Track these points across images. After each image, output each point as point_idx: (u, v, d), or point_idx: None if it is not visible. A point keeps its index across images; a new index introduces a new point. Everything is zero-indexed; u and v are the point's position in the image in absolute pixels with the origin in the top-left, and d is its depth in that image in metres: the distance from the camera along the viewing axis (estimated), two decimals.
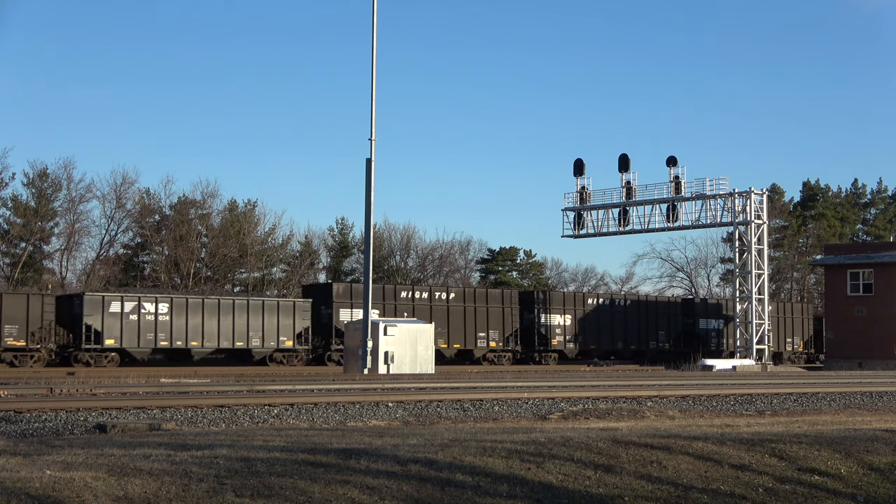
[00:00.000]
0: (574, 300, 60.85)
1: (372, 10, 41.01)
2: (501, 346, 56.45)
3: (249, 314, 49.49)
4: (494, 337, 56.32)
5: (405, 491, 10.40)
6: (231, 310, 49.14)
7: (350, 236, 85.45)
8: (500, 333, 56.51)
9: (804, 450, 13.42)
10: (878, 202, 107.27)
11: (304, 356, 51.01)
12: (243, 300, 50.72)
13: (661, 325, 64.12)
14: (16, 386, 25.42)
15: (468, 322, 55.66)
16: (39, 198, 70.04)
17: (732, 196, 58.51)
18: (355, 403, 20.76)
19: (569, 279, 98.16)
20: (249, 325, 49.37)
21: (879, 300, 62.63)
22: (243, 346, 49.29)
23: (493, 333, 56.35)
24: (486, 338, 56.24)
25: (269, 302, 51.17)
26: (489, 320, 56.25)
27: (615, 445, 12.59)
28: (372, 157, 40.34)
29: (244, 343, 49.25)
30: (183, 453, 11.10)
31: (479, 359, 55.94)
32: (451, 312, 55.02)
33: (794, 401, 25.02)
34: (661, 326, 64.15)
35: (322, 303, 52.48)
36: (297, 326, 50.79)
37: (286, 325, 50.39)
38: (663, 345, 63.89)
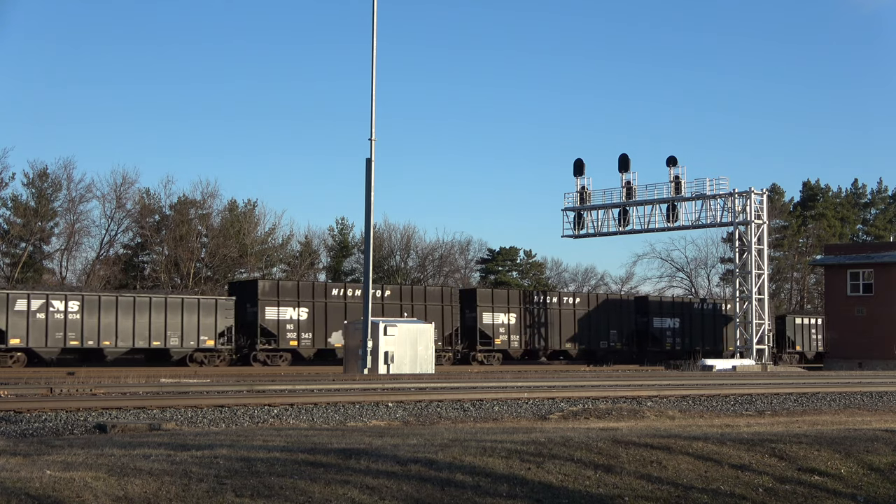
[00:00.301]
0: (519, 298, 58.86)
1: (372, 10, 41.04)
2: (441, 346, 53.64)
3: (167, 312, 47.43)
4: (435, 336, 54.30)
5: (405, 491, 10.40)
6: (147, 308, 47.12)
7: (350, 236, 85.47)
8: (440, 333, 53.60)
9: (804, 450, 13.42)
10: (878, 202, 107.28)
11: (227, 356, 49.10)
12: (161, 298, 48.51)
13: (612, 323, 61.77)
14: (16, 386, 25.43)
15: None
16: (39, 198, 70.03)
17: (732, 196, 58.51)
18: (355, 403, 20.76)
19: (569, 279, 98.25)
20: (167, 323, 47.32)
21: (879, 300, 62.63)
22: (160, 345, 47.29)
23: None
24: None
25: (188, 300, 49.09)
26: (427, 319, 52.49)
27: (615, 445, 12.59)
28: (372, 157, 40.35)
29: (161, 342, 47.24)
30: (183, 453, 11.10)
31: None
32: (386, 311, 52.40)
33: (794, 401, 25.02)
34: (613, 325, 61.85)
35: (248, 300, 50.42)
36: (220, 325, 48.71)
37: (207, 323, 48.38)
38: (615, 344, 61.72)
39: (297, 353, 50.62)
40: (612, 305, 62.81)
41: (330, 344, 51.17)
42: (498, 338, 56.99)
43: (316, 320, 51.11)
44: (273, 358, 49.85)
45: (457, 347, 55.66)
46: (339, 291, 52.80)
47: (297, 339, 50.70)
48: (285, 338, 50.21)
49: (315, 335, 51.06)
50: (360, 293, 51.51)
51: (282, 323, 50.30)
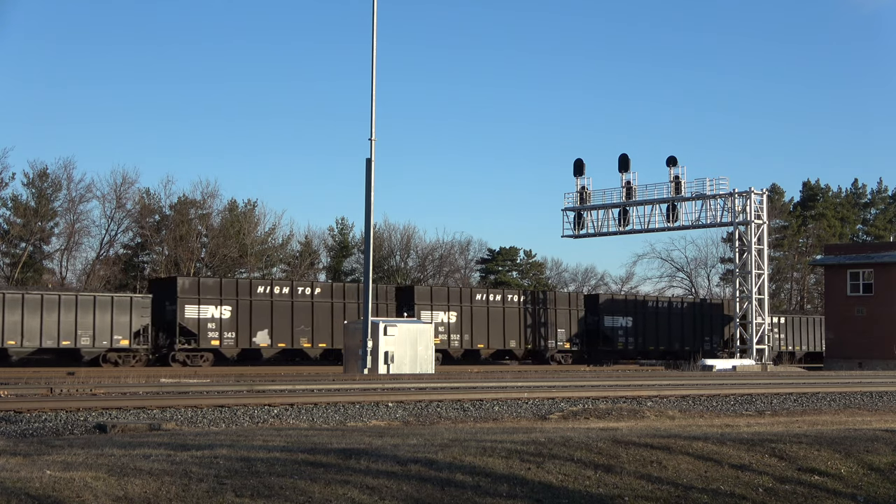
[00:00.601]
0: (460, 295, 56.59)
1: (372, 10, 41.05)
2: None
3: (78, 311, 45.56)
4: None
5: (405, 491, 10.40)
6: (57, 306, 45.19)
7: (350, 236, 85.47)
8: None
9: (804, 450, 13.42)
10: (878, 202, 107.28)
11: (143, 356, 47.46)
12: (71, 295, 46.70)
13: (560, 322, 59.46)
14: (16, 386, 25.44)
15: (336, 320, 51.38)
16: (39, 198, 70.04)
17: (732, 196, 58.52)
18: (355, 403, 20.77)
19: (569, 279, 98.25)
20: (78, 322, 45.45)
21: (879, 300, 62.62)
22: (70, 345, 45.47)
23: None
24: None
25: (101, 297, 47.08)
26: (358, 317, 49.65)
27: (615, 445, 12.59)
28: (372, 157, 40.36)
29: (71, 342, 45.38)
30: (183, 453, 11.10)
31: None
32: (316, 309, 51.04)
33: (794, 401, 25.03)
34: (562, 324, 59.49)
35: (167, 298, 48.45)
36: (135, 324, 46.96)
37: (122, 322, 46.56)
38: (563, 343, 59.53)
39: (219, 353, 48.71)
40: (560, 303, 60.37)
41: (255, 343, 49.32)
42: (437, 337, 53.17)
43: (240, 319, 49.07)
44: (193, 358, 47.79)
45: None
46: (265, 289, 50.62)
47: (219, 338, 48.58)
48: (206, 337, 48.13)
49: (239, 334, 48.95)
50: (288, 291, 50.60)
51: (203, 322, 48.17)
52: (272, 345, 49.92)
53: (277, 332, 50.05)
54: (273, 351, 50.29)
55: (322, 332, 51.37)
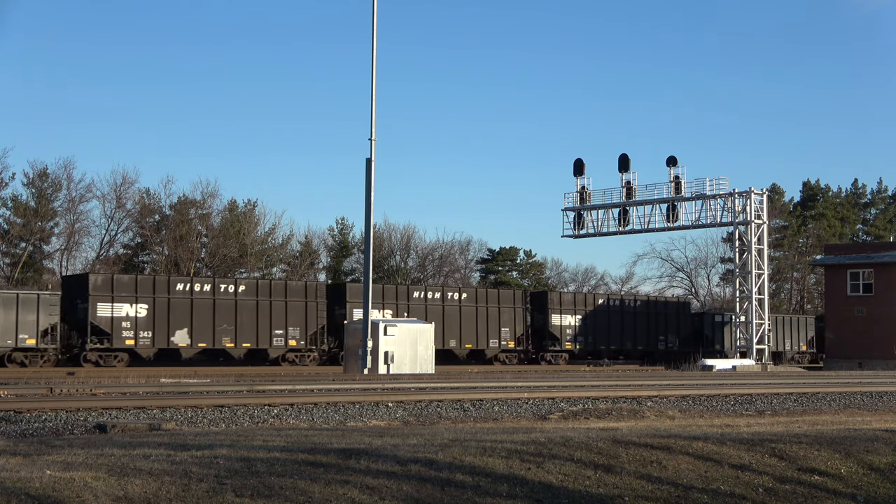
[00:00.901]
0: (396, 293, 54.86)
1: (372, 10, 41.05)
2: (305, 345, 50.75)
3: None
4: (296, 335, 50.52)
5: (405, 491, 10.40)
6: None
7: (350, 236, 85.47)
8: (303, 331, 50.64)
9: (804, 450, 13.42)
10: (878, 202, 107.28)
11: (52, 356, 45.21)
12: None
13: (505, 321, 57.26)
14: (16, 386, 25.44)
15: (262, 318, 49.55)
16: (39, 198, 70.03)
17: (732, 196, 58.55)
18: (355, 403, 20.77)
19: (569, 279, 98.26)
20: None
21: (879, 300, 62.64)
22: None
23: (293, 331, 50.29)
24: (285, 336, 50.29)
25: (6, 294, 44.97)
26: (289, 317, 50.32)
27: (615, 445, 12.59)
28: (372, 157, 40.37)
29: None
30: (183, 453, 11.10)
31: (277, 359, 50.19)
32: (240, 308, 49.07)
33: (794, 401, 25.03)
34: (506, 323, 57.30)
35: (78, 296, 46.28)
36: (43, 322, 44.66)
37: (28, 320, 44.27)
38: (507, 343, 57.22)
39: (134, 352, 46.69)
40: (505, 301, 58.02)
41: (173, 343, 47.34)
42: None
43: (157, 318, 46.89)
44: (107, 358, 45.77)
45: (322, 347, 51.84)
46: (185, 286, 48.40)
47: (134, 337, 46.48)
48: (121, 336, 46.00)
49: (156, 334, 46.83)
50: (210, 288, 48.48)
51: (117, 320, 45.99)
52: (192, 344, 47.74)
53: (198, 331, 47.79)
54: (193, 351, 48.29)
55: (246, 331, 49.22)
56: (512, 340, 57.59)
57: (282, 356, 50.06)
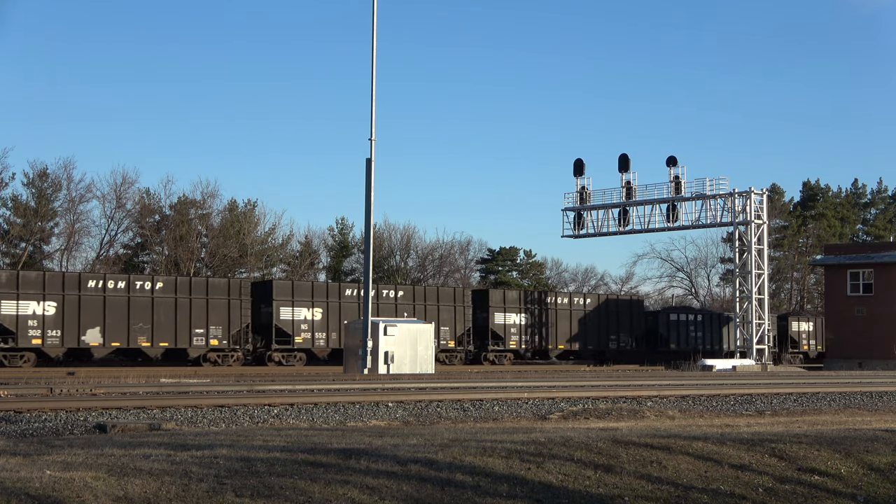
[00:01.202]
0: (327, 291, 52.19)
1: (372, 9, 41.05)
2: (227, 345, 48.47)
3: None
4: (217, 334, 48.22)
5: (405, 491, 10.40)
6: None
7: (350, 236, 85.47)
8: (226, 330, 48.35)
9: (804, 450, 13.42)
10: (878, 202, 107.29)
11: None
12: None
13: (444, 319, 54.65)
14: (16, 386, 25.44)
15: (181, 317, 47.33)
16: (39, 198, 70.01)
17: (732, 196, 58.56)
18: (355, 403, 20.77)
19: (569, 279, 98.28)
20: None
21: (879, 300, 62.65)
22: None
23: (215, 330, 48.01)
24: (206, 335, 47.84)
25: None
26: (210, 315, 48.05)
27: (615, 445, 12.59)
28: (372, 157, 40.38)
29: None
30: (183, 453, 11.10)
31: (198, 359, 47.91)
32: (157, 305, 46.80)
33: (794, 401, 25.03)
34: (446, 321, 54.74)
35: None
36: None
37: None
38: (445, 343, 54.65)
39: (42, 352, 44.79)
40: (444, 299, 55.45)
41: (84, 342, 45.28)
42: (300, 335, 50.43)
43: (67, 316, 44.86)
44: (11, 358, 43.82)
45: (246, 346, 49.87)
46: (97, 283, 46.00)
47: (41, 336, 44.49)
48: (27, 336, 44.02)
49: (65, 333, 44.84)
50: (124, 285, 46.44)
51: (22, 319, 44.04)
52: (104, 344, 45.72)
53: (111, 329, 45.68)
54: (106, 350, 46.42)
55: (164, 330, 47.01)
56: (453, 340, 55.27)
57: (203, 356, 48.00)
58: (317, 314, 51.01)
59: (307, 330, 50.73)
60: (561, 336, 59.24)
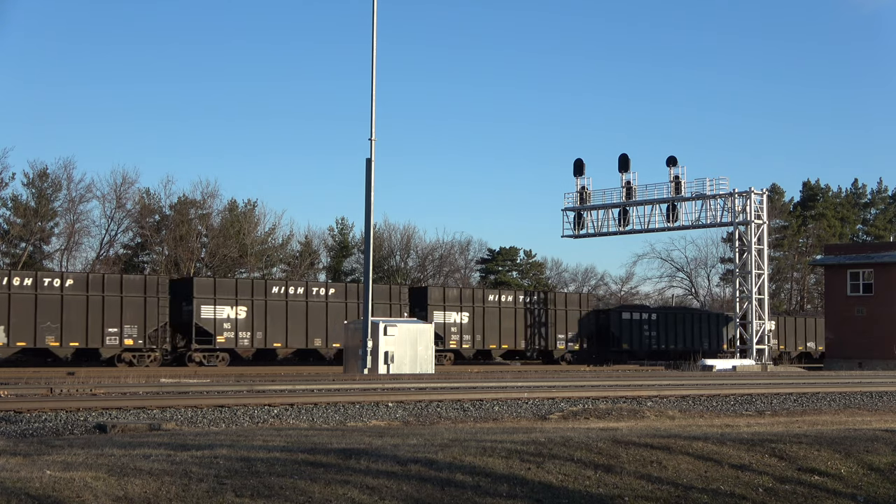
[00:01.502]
0: (252, 288, 49.75)
1: (372, 9, 41.05)
2: (144, 344, 46.41)
3: None
4: (133, 333, 46.14)
5: (405, 491, 10.40)
6: None
7: (350, 236, 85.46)
8: (142, 329, 46.28)
9: (804, 450, 13.42)
10: (878, 202, 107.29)
11: None
12: None
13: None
14: (16, 386, 25.44)
15: (93, 315, 45.49)
16: (39, 198, 70.00)
17: (732, 196, 58.56)
18: (355, 403, 20.76)
19: (569, 279, 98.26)
20: None
21: (879, 300, 62.64)
22: None
23: (130, 329, 46.08)
24: (120, 334, 45.84)
25: None
26: (125, 313, 46.00)
27: (615, 445, 12.59)
28: (372, 157, 40.37)
29: None
30: (183, 453, 11.10)
31: (112, 359, 46.05)
32: (66, 303, 44.94)
33: (794, 401, 25.02)
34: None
35: None
36: None
37: None
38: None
39: None
40: (380, 297, 52.32)
41: None
42: (222, 335, 48.28)
43: None
44: None
45: (165, 346, 48.08)
46: (2, 281, 44.26)
47: None
48: None
49: None
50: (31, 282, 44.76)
51: None
52: (9, 343, 44.02)
53: (16, 328, 43.98)
54: (11, 350, 44.77)
55: (74, 329, 45.15)
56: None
57: (117, 356, 46.17)
58: (241, 313, 48.91)
59: (230, 329, 48.60)
60: (505, 335, 57.01)
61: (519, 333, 57.92)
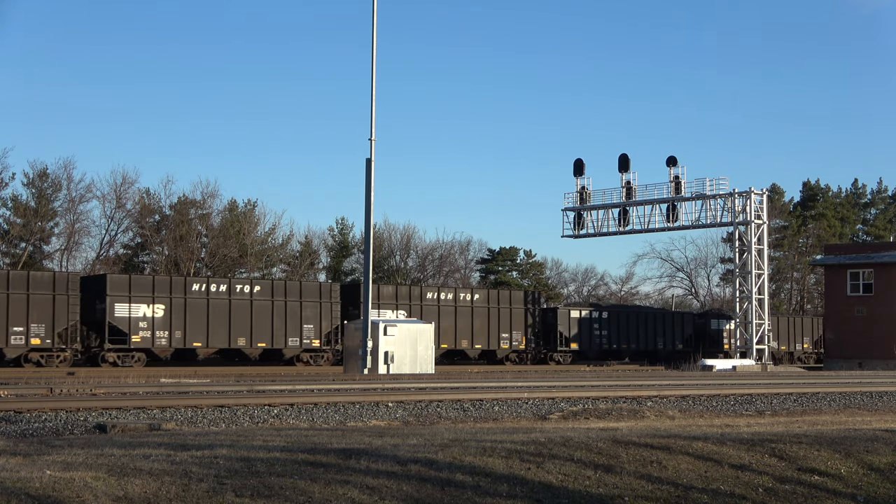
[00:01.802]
0: (171, 286, 47.32)
1: (372, 9, 41.05)
2: (52, 344, 44.17)
3: None
4: (40, 332, 43.96)
5: (405, 491, 10.39)
6: None
7: (350, 236, 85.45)
8: (50, 328, 44.17)
9: (804, 450, 13.42)
10: (878, 202, 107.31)
11: None
12: None
13: (309, 317, 50.64)
14: (16, 386, 25.43)
15: None
16: (39, 198, 69.98)
17: (732, 196, 58.56)
18: (355, 403, 20.76)
19: (569, 279, 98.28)
20: None
21: (879, 300, 62.65)
22: None
23: (37, 328, 43.89)
24: (26, 334, 43.64)
25: None
26: (31, 311, 43.78)
27: (615, 445, 12.59)
28: (372, 157, 40.37)
29: None
30: (183, 453, 11.10)
31: (18, 359, 43.81)
32: None
33: (794, 401, 25.02)
34: (310, 319, 50.59)
35: None
36: None
37: None
38: (309, 342, 50.60)
39: None
40: (309, 294, 51.05)
41: None
42: (138, 334, 45.98)
43: None
44: None
45: (75, 346, 45.98)
46: None
47: None
48: None
49: None
50: None
51: None
52: None
53: None
54: None
55: None
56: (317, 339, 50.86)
57: (24, 356, 43.86)
58: (158, 311, 46.51)
59: (146, 328, 46.26)
60: (445, 335, 54.21)
61: (461, 333, 55.45)
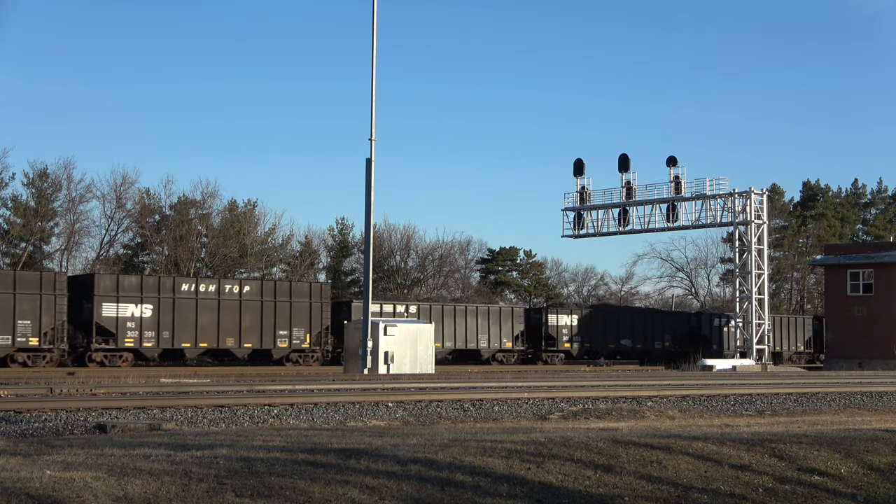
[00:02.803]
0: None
1: (372, 9, 41.04)
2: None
3: None
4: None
5: (405, 491, 10.39)
6: None
7: (350, 236, 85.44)
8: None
9: (804, 450, 13.41)
10: (878, 202, 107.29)
11: None
12: None
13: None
14: (16, 386, 25.43)
15: None
16: (39, 198, 69.96)
17: (732, 196, 58.54)
18: (355, 403, 20.76)
19: (569, 279, 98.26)
20: None
21: (879, 300, 62.65)
22: None
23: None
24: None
25: None
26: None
27: (615, 445, 12.59)
28: (372, 157, 40.37)
29: None
30: (183, 453, 11.10)
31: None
32: None
33: (794, 401, 25.03)
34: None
35: None
36: None
37: None
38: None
39: None
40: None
41: None
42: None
43: None
44: None
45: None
46: None
47: None
48: None
49: None
50: None
51: None
52: None
53: None
54: None
55: None
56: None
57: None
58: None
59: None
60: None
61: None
